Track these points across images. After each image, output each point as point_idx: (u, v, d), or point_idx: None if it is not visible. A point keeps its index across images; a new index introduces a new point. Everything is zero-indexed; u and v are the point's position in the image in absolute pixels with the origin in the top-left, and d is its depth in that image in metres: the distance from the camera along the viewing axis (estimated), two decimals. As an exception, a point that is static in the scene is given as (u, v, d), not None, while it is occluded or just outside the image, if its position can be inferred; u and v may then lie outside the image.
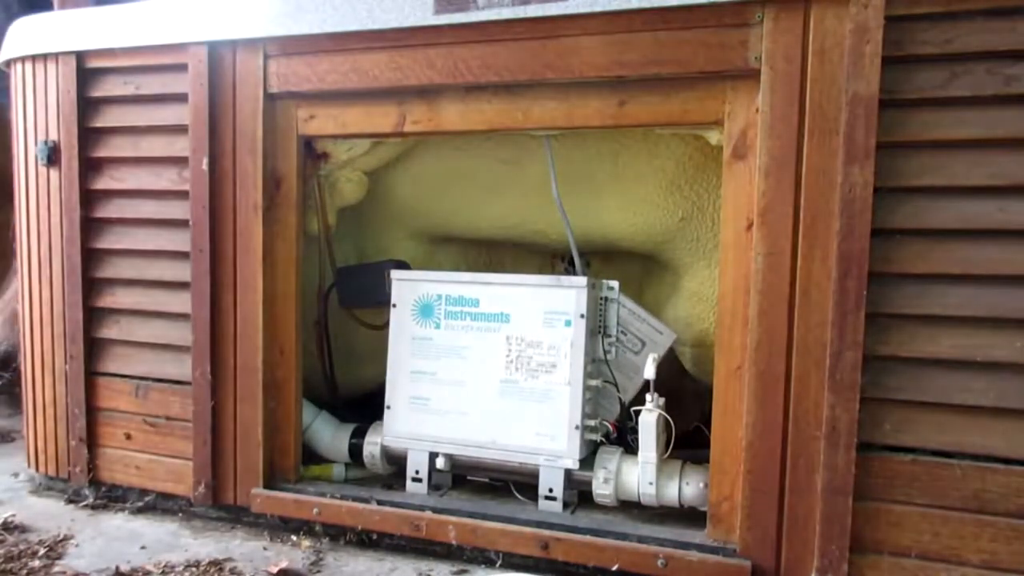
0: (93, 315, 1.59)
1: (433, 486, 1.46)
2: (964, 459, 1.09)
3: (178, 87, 1.47)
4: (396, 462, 1.52)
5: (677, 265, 1.58)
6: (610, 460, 1.36)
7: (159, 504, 1.57)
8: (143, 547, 1.40)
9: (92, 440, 1.60)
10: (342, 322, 1.72)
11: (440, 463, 1.44)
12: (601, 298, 1.42)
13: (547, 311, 1.39)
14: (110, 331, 1.59)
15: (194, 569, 1.31)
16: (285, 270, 1.45)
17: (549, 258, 1.83)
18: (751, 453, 1.18)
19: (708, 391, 1.26)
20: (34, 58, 1.58)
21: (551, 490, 1.37)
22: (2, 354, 2.28)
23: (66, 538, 1.43)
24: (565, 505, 1.37)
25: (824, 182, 1.12)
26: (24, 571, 1.30)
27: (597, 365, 1.43)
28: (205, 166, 1.45)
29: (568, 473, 1.37)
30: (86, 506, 1.59)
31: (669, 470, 1.34)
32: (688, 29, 1.17)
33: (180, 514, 1.55)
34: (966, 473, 1.09)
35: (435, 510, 1.36)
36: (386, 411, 1.49)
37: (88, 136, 1.56)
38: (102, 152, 1.56)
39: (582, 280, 1.37)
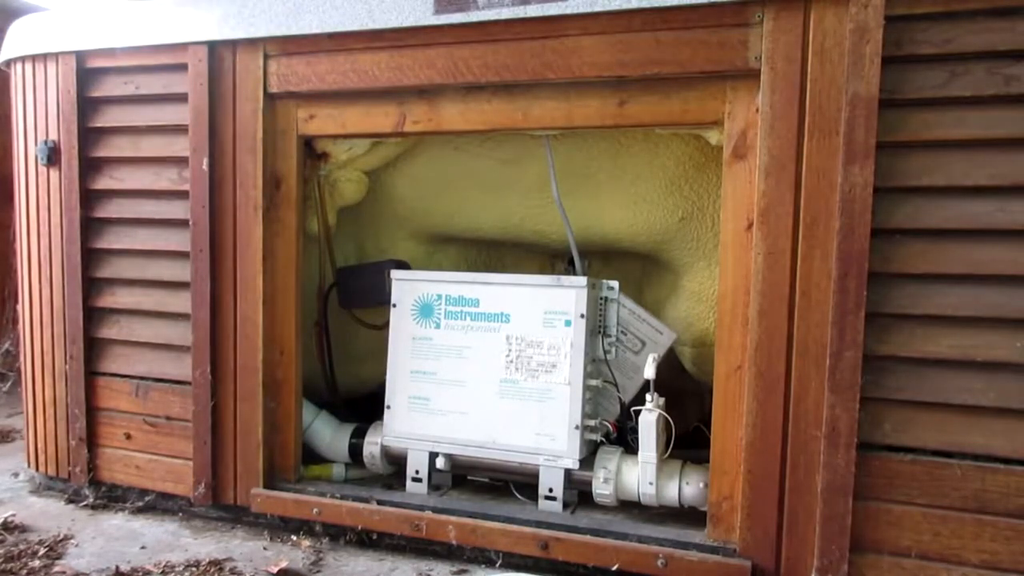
0: (93, 315, 1.59)
1: (433, 486, 1.46)
2: (964, 459, 1.09)
3: (178, 87, 1.47)
4: (396, 462, 1.52)
5: (677, 265, 1.58)
6: (610, 460, 1.36)
7: (159, 504, 1.57)
8: (143, 547, 1.40)
9: (92, 440, 1.60)
10: (342, 322, 1.72)
11: (440, 463, 1.44)
12: (601, 298, 1.42)
13: (547, 311, 1.39)
14: (110, 331, 1.59)
15: (194, 569, 1.31)
16: (285, 270, 1.45)
17: (549, 258, 1.83)
18: (751, 453, 1.18)
19: (708, 391, 1.26)
20: (34, 58, 1.58)
21: (551, 490, 1.37)
22: None
23: (66, 538, 1.43)
24: (565, 505, 1.37)
25: (824, 182, 1.12)
26: (24, 571, 1.29)
27: (597, 365, 1.43)
28: (205, 166, 1.45)
29: (568, 473, 1.37)
30: (86, 506, 1.59)
31: (669, 470, 1.34)
32: (688, 29, 1.17)
33: (180, 514, 1.55)
34: (966, 473, 1.09)
35: (435, 510, 1.36)
36: (386, 411, 1.49)
37: (88, 136, 1.56)
38: (102, 152, 1.56)
39: (582, 280, 1.37)
